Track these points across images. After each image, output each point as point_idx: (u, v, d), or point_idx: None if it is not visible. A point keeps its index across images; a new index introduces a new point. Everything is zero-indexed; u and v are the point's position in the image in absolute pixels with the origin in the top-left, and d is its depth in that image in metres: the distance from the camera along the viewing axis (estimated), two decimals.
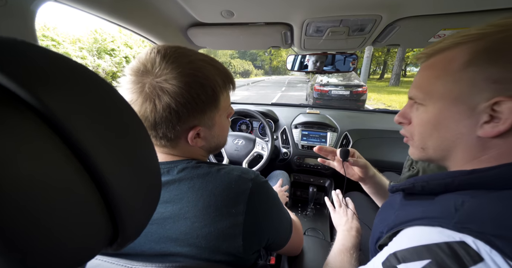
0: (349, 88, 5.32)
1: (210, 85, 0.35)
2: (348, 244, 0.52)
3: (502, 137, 0.29)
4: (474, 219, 0.25)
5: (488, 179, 0.29)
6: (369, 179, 0.62)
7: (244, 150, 1.07)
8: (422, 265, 0.25)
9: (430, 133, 0.35)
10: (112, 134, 0.15)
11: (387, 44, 0.73)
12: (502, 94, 0.27)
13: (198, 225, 0.31)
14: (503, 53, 0.27)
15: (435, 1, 0.50)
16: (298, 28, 0.67)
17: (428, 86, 0.34)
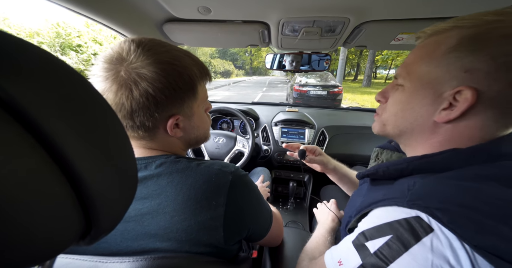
0: (326, 89, 5.58)
1: (187, 73, 0.35)
2: (323, 231, 0.56)
3: (452, 124, 0.32)
4: (422, 196, 0.29)
5: (435, 163, 0.33)
6: (331, 171, 0.71)
7: (225, 148, 1.07)
8: (385, 240, 0.29)
9: (396, 112, 0.37)
10: (80, 120, 0.15)
11: (355, 45, 0.79)
12: (465, 84, 0.29)
13: (177, 219, 0.31)
14: (484, 43, 0.28)
15: (394, 8, 0.56)
16: (274, 27, 0.69)
17: (412, 66, 0.35)
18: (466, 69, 0.29)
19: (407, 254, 0.27)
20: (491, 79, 0.28)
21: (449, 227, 0.25)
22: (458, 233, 0.25)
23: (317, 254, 0.48)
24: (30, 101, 0.12)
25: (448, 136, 0.33)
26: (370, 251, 0.30)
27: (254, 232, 0.42)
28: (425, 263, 0.26)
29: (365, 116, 1.43)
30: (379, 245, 0.29)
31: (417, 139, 0.37)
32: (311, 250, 0.50)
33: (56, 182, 0.13)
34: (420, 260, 0.26)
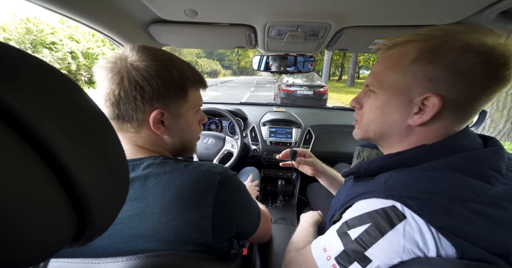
0: (312, 88, 5.72)
1: (179, 74, 0.37)
2: (306, 224, 0.60)
3: (423, 126, 0.36)
4: (395, 187, 0.33)
5: (407, 159, 0.37)
6: (321, 174, 0.73)
7: (214, 148, 1.08)
8: (365, 228, 0.32)
9: (375, 118, 0.41)
10: (73, 123, 0.15)
11: (337, 49, 0.83)
12: (431, 91, 0.33)
13: (165, 219, 0.32)
14: (441, 55, 0.32)
15: (370, 16, 0.60)
16: (261, 30, 0.71)
17: (382, 76, 0.39)
18: (430, 77, 0.33)
19: (383, 239, 0.30)
20: (450, 86, 0.32)
21: (419, 213, 0.28)
22: (426, 218, 0.28)
23: (302, 245, 0.51)
24: (23, 105, 0.12)
25: (420, 136, 0.38)
26: (351, 238, 0.33)
27: (243, 230, 0.43)
28: (398, 247, 0.29)
29: (348, 115, 1.50)
30: (360, 233, 0.32)
31: (394, 141, 0.41)
32: (296, 242, 0.53)
33: (49, 185, 0.13)
34: (394, 244, 0.29)
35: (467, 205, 0.28)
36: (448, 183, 0.30)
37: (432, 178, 0.32)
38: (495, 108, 2.67)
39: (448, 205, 0.28)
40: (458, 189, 0.30)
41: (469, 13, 0.53)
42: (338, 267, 0.34)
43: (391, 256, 0.30)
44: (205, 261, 0.33)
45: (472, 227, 0.27)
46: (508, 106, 2.59)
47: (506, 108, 2.61)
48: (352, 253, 0.32)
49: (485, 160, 0.33)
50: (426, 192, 0.30)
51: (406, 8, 0.54)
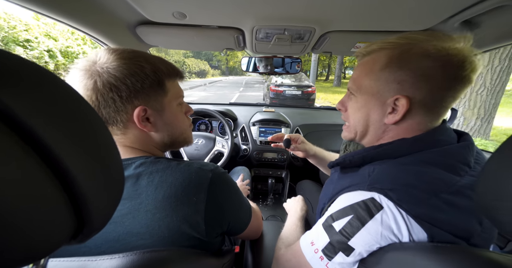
0: (301, 88, 5.82)
1: (152, 68, 0.37)
2: (293, 219, 0.62)
3: (397, 124, 0.40)
4: (378, 180, 0.36)
5: (389, 150, 0.40)
6: (311, 156, 0.79)
7: (204, 149, 1.08)
8: (348, 219, 0.35)
9: (359, 119, 0.44)
10: (70, 126, 0.16)
11: (322, 51, 0.87)
12: (400, 93, 0.37)
13: (159, 215, 0.33)
14: (406, 61, 0.36)
15: (352, 21, 0.64)
16: (248, 33, 0.73)
17: (359, 81, 0.42)
18: (398, 81, 0.37)
19: (363, 229, 0.33)
20: (416, 88, 0.36)
21: (397, 204, 0.32)
22: (403, 207, 0.31)
23: (292, 240, 0.53)
24: (24, 109, 0.13)
25: (396, 132, 0.41)
26: (336, 230, 0.36)
27: (235, 226, 0.44)
28: (376, 234, 0.32)
29: (335, 114, 1.56)
30: (343, 224, 0.35)
31: (372, 139, 0.45)
32: (286, 238, 0.55)
33: (50, 186, 0.14)
34: (373, 233, 0.33)
35: (440, 196, 0.32)
36: (427, 176, 0.34)
37: (409, 171, 0.35)
38: (467, 106, 2.88)
39: (423, 196, 0.32)
40: (434, 182, 0.33)
41: (436, 21, 0.59)
42: (325, 258, 0.36)
43: (371, 243, 0.33)
44: (199, 256, 0.34)
45: (442, 215, 0.31)
46: (478, 104, 2.80)
47: (476, 106, 2.82)
48: (337, 244, 0.35)
49: (456, 155, 0.37)
50: (404, 184, 0.33)
51: (383, 16, 0.59)
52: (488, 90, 2.73)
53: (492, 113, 2.84)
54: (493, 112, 2.83)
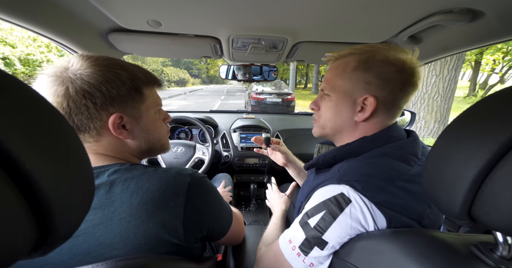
0: (281, 96, 6.01)
1: (129, 76, 0.37)
2: (274, 219, 0.63)
3: (366, 121, 0.45)
4: (345, 174, 0.39)
5: (353, 148, 0.44)
6: (291, 164, 0.79)
7: (184, 157, 1.06)
8: (321, 215, 0.37)
9: (330, 117, 0.48)
10: (31, 128, 0.15)
11: (296, 60, 0.93)
12: (369, 93, 0.42)
13: (134, 223, 0.31)
14: (372, 65, 0.42)
15: (319, 33, 0.71)
16: (225, 42, 0.76)
17: (332, 81, 0.47)
18: (366, 82, 0.42)
19: (335, 222, 0.36)
20: (381, 88, 0.42)
21: (362, 193, 0.35)
22: (367, 196, 0.35)
23: (271, 240, 0.54)
24: None
25: (364, 130, 0.46)
26: (311, 226, 0.38)
27: (215, 230, 0.44)
28: (346, 226, 0.35)
29: (312, 119, 1.64)
30: (317, 220, 0.37)
31: (345, 135, 0.48)
32: (266, 238, 0.56)
33: (6, 189, 0.13)
34: (343, 225, 0.35)
35: (396, 183, 0.36)
36: (382, 166, 0.39)
37: (370, 163, 0.40)
38: (426, 111, 3.23)
39: (382, 184, 0.36)
40: (389, 171, 0.38)
41: (389, 35, 0.68)
42: (302, 254, 0.38)
43: (342, 235, 0.35)
44: (176, 262, 0.34)
45: (398, 200, 0.35)
46: (435, 109, 3.16)
47: (433, 111, 3.18)
48: (312, 239, 0.37)
49: (407, 147, 0.43)
50: (366, 174, 0.37)
51: (346, 30, 0.66)
52: (441, 96, 3.10)
53: (446, 116, 3.22)
54: (447, 115, 3.22)
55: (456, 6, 0.49)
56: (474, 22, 0.51)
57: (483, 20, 0.50)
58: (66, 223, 0.17)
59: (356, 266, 0.32)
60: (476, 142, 0.22)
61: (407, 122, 1.18)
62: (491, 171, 0.21)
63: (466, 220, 0.24)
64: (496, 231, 0.25)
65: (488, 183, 0.21)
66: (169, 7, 0.54)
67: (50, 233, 0.16)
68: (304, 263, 0.38)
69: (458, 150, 0.24)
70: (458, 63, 2.98)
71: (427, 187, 0.28)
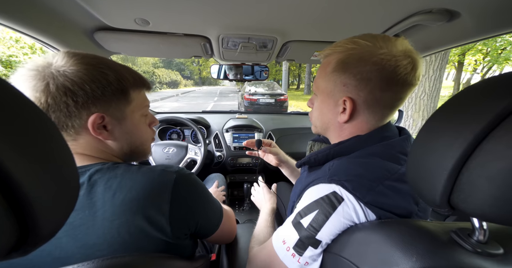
0: (274, 97, 6.04)
1: (116, 76, 0.36)
2: (264, 215, 0.63)
3: (349, 123, 0.44)
4: (336, 173, 0.39)
5: (346, 147, 0.44)
6: (283, 163, 0.79)
7: (176, 157, 1.04)
8: (314, 215, 0.37)
9: (317, 116, 0.48)
10: (9, 127, 0.14)
11: (286, 59, 0.94)
12: (346, 95, 0.41)
13: (118, 222, 0.31)
14: (348, 66, 0.39)
15: (307, 33, 0.72)
16: (215, 41, 0.76)
17: (317, 82, 0.46)
18: (344, 84, 0.41)
19: (328, 222, 0.35)
20: (358, 90, 0.40)
21: (352, 193, 0.35)
22: (357, 196, 0.35)
23: (263, 237, 0.54)
24: None
25: (350, 130, 0.45)
26: (304, 226, 0.37)
27: (204, 227, 0.43)
28: (339, 225, 0.35)
29: (304, 118, 1.66)
30: (310, 220, 0.37)
31: (334, 135, 0.48)
32: (257, 236, 0.55)
33: None
34: (336, 224, 0.35)
35: (385, 183, 0.36)
36: (372, 166, 0.38)
37: (360, 163, 0.39)
38: (414, 110, 3.33)
39: (371, 184, 0.35)
40: (378, 171, 0.37)
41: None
42: (296, 254, 0.38)
43: (335, 233, 0.35)
44: (166, 260, 0.33)
45: (387, 199, 0.35)
46: (422, 108, 3.27)
47: (421, 109, 3.28)
48: (306, 239, 0.37)
49: (397, 146, 0.42)
50: (356, 175, 0.37)
51: (332, 29, 0.68)
52: (428, 95, 3.22)
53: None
54: None
55: (435, 7, 0.51)
56: (451, 22, 0.54)
57: (459, 20, 0.53)
58: (48, 222, 0.17)
59: (346, 258, 0.33)
60: (453, 133, 0.23)
61: (395, 120, 1.21)
62: (467, 161, 0.22)
63: (446, 208, 0.25)
64: (473, 217, 0.26)
65: (465, 172, 0.22)
66: (157, 5, 0.54)
67: (31, 232, 0.16)
68: (299, 263, 0.37)
69: (437, 142, 0.25)
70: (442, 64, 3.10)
71: (410, 178, 0.29)
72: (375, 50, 0.38)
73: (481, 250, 0.25)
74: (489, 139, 0.21)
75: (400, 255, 0.26)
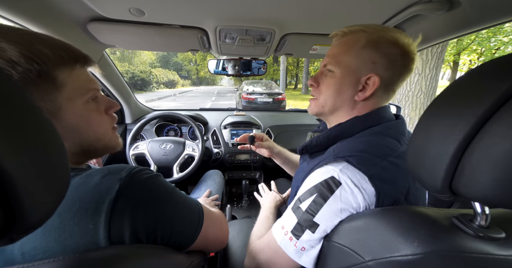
0: (272, 96, 6.05)
1: (21, 53, 0.26)
2: (265, 213, 0.62)
3: (364, 101, 0.45)
4: (341, 151, 0.40)
5: (345, 128, 0.45)
6: (276, 155, 0.81)
7: (173, 153, 1.03)
8: (312, 198, 0.37)
9: (331, 94, 0.47)
10: None
11: (284, 53, 0.93)
12: (373, 72, 0.42)
13: (64, 236, 0.26)
14: (380, 45, 0.41)
15: (307, 24, 0.71)
16: (212, 33, 0.75)
17: (339, 57, 0.45)
18: (373, 61, 0.42)
19: (326, 205, 0.36)
20: (385, 69, 0.42)
21: (358, 167, 0.36)
22: (362, 169, 0.35)
23: (264, 232, 0.53)
24: None
25: (360, 109, 0.46)
26: (302, 210, 0.38)
27: (173, 238, 0.34)
28: (337, 209, 0.35)
29: (302, 115, 1.65)
30: (308, 204, 0.37)
31: (343, 114, 0.48)
32: (258, 231, 0.55)
33: None
34: (334, 208, 0.35)
35: (388, 159, 0.37)
36: (375, 143, 0.40)
37: (363, 141, 0.41)
38: (411, 108, 3.36)
39: (376, 160, 0.37)
40: (382, 147, 0.39)
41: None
42: (294, 238, 0.38)
43: (332, 217, 0.35)
44: (164, 253, 0.32)
45: (389, 174, 0.36)
46: (419, 106, 3.30)
47: (417, 108, 3.31)
48: (304, 222, 0.37)
49: (396, 127, 0.44)
50: (361, 150, 0.38)
51: (331, 21, 0.67)
52: (424, 94, 3.24)
53: None
54: None
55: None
56: (451, 11, 0.54)
57: (459, 9, 0.52)
58: (35, 209, 0.16)
59: (347, 246, 0.32)
60: (455, 117, 0.23)
61: None
62: (470, 144, 0.22)
63: (447, 194, 0.25)
64: (475, 202, 0.26)
65: (467, 156, 0.22)
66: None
67: (18, 219, 0.15)
68: (296, 247, 0.38)
69: (439, 126, 0.25)
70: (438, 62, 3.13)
71: (411, 164, 0.29)
72: (404, 38, 0.42)
73: (483, 234, 0.25)
74: (492, 121, 0.21)
75: (401, 240, 0.26)
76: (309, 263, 0.37)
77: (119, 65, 14.24)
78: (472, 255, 0.23)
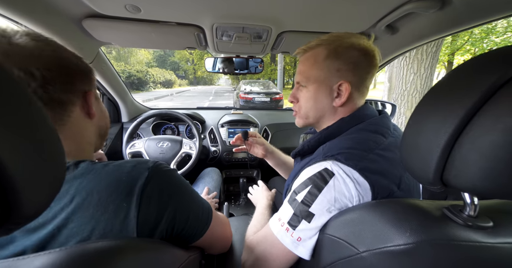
0: (269, 95, 6.06)
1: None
2: (260, 209, 0.64)
3: (343, 106, 0.48)
4: (329, 150, 0.42)
5: (333, 129, 0.47)
6: (270, 154, 0.81)
7: (170, 152, 1.02)
8: (307, 189, 0.39)
9: (311, 106, 0.50)
10: None
11: (281, 51, 0.94)
12: (342, 79, 0.45)
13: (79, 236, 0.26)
14: (339, 53, 0.45)
15: (303, 22, 0.72)
16: (209, 31, 0.75)
17: (307, 72, 0.49)
18: (338, 69, 0.46)
19: (320, 195, 0.37)
20: (352, 74, 0.45)
21: (346, 163, 0.37)
22: (350, 165, 0.37)
23: (260, 227, 0.54)
24: None
25: (342, 113, 0.49)
26: (298, 201, 0.39)
27: (185, 230, 0.37)
28: (331, 198, 0.37)
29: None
30: (304, 195, 0.39)
31: (327, 120, 0.51)
32: (254, 226, 0.56)
33: None
34: (328, 197, 0.37)
35: (375, 152, 0.40)
36: (361, 139, 0.42)
37: (350, 138, 0.43)
38: (407, 107, 3.40)
39: (363, 154, 0.39)
40: (367, 142, 0.41)
41: (369, 25, 0.71)
42: (290, 228, 0.39)
43: (327, 206, 0.37)
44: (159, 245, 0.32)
45: (377, 165, 0.38)
46: (414, 105, 3.34)
47: (413, 107, 3.36)
48: (300, 212, 0.38)
49: (380, 123, 0.47)
50: (348, 147, 0.40)
51: (327, 19, 0.68)
52: (420, 93, 3.28)
53: None
54: None
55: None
56: (444, 9, 0.55)
57: (451, 7, 0.54)
58: (30, 199, 0.16)
59: (342, 239, 0.33)
60: (446, 110, 0.24)
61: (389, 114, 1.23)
62: (459, 136, 0.23)
63: (438, 185, 0.26)
64: (464, 193, 0.27)
65: (457, 148, 0.23)
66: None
67: (13, 209, 0.15)
68: (292, 237, 0.39)
69: (430, 120, 0.25)
70: (433, 62, 3.17)
71: (404, 157, 0.30)
72: (358, 40, 0.46)
73: (472, 223, 0.26)
74: (480, 113, 0.21)
75: (394, 231, 0.26)
76: (305, 254, 0.38)
77: (115, 65, 14.11)
78: (462, 243, 0.24)
